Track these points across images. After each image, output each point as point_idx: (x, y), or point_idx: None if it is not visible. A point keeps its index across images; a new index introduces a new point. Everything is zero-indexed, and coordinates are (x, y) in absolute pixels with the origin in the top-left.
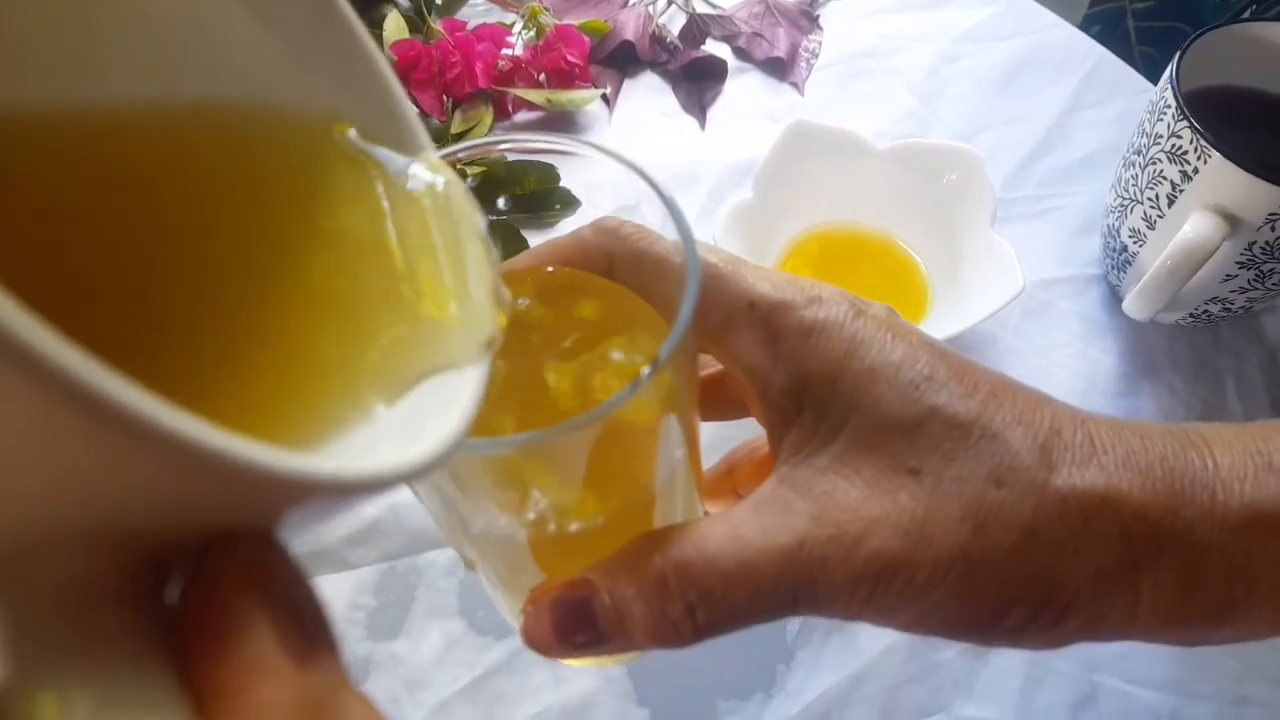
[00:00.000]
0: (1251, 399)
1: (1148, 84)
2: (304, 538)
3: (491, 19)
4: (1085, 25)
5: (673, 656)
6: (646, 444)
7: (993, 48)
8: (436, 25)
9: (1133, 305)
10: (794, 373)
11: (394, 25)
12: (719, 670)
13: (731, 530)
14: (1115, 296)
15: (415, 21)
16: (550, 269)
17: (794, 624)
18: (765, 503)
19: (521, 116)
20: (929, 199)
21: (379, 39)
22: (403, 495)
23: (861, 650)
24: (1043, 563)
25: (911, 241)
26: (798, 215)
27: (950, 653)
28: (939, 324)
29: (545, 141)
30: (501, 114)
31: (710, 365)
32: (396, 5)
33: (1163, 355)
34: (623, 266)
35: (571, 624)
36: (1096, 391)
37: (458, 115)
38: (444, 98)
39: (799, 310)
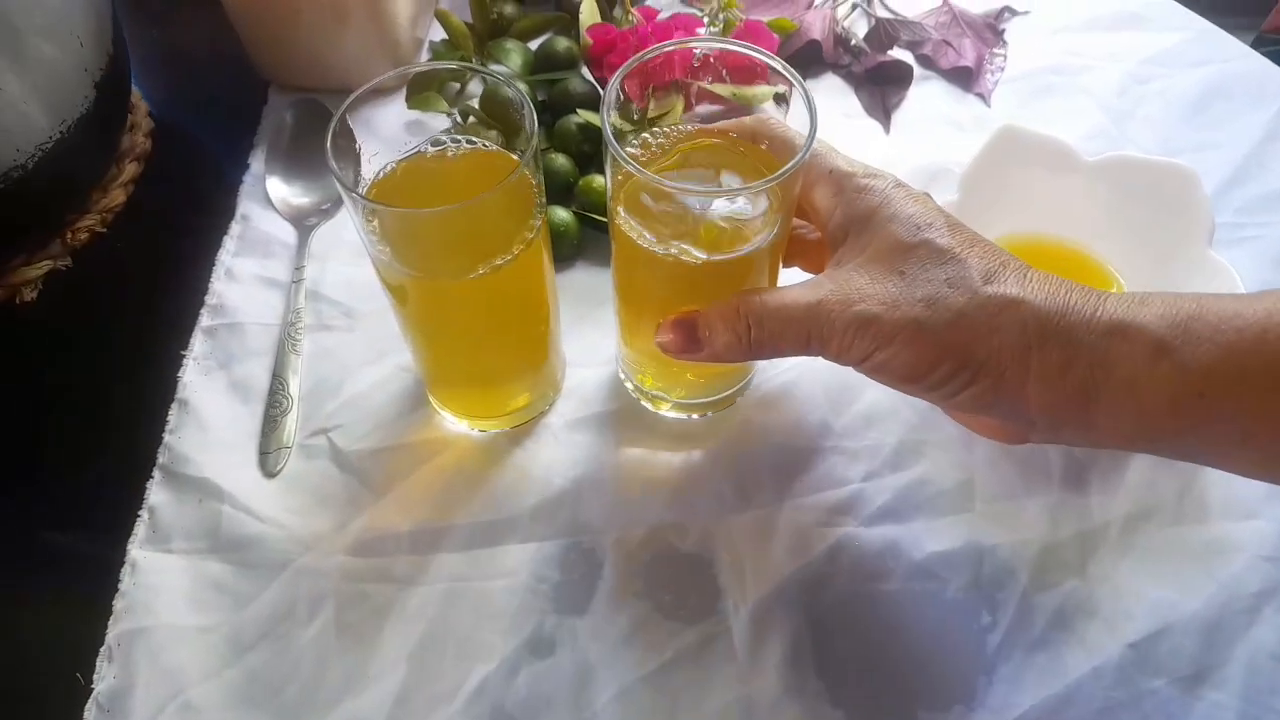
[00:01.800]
0: None
1: None
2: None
3: (678, 8)
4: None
5: (872, 665)
6: (768, 220)
7: (1184, 73)
8: (633, 11)
9: None
10: (846, 214)
11: (588, 10)
12: (918, 678)
13: (783, 291)
14: None
15: (605, 8)
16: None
17: (995, 637)
18: (808, 283)
19: (703, 108)
20: (1135, 215)
21: (575, 23)
22: (588, 471)
23: (1067, 671)
24: (966, 335)
25: (1113, 259)
26: (1001, 220)
27: (1160, 681)
28: None
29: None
30: (687, 105)
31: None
32: None
33: None
34: (766, 139)
35: (683, 332)
36: None
37: (652, 102)
38: (643, 85)
39: (858, 178)
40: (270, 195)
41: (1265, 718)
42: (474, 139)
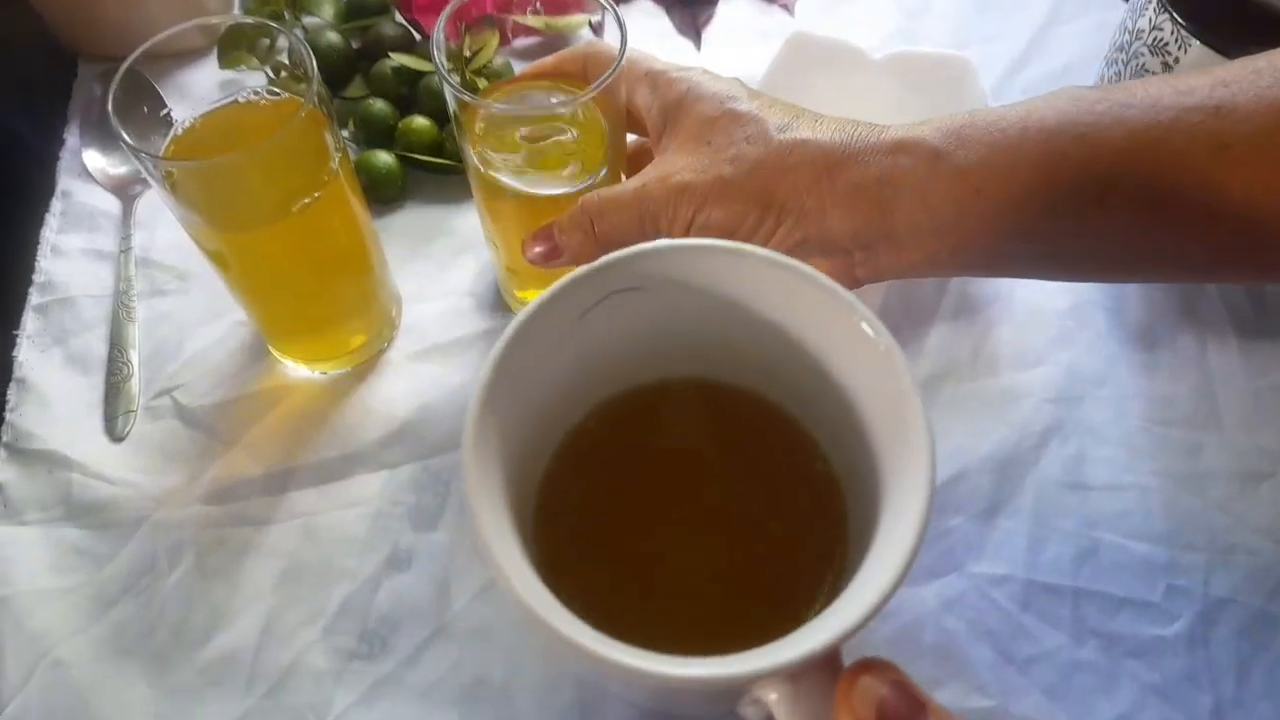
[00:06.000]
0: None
1: None
2: None
3: None
4: None
5: None
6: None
7: None
8: None
9: None
10: (661, 105)
11: None
12: None
13: (615, 186)
14: None
15: None
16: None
17: None
18: (637, 175)
19: (520, 42)
20: (923, 105)
21: None
22: (431, 399)
23: None
24: (765, 181)
25: None
26: None
27: (960, 518)
28: None
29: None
30: (503, 39)
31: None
32: None
33: None
34: (594, 68)
35: (544, 242)
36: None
37: (467, 39)
38: (456, 22)
39: (670, 74)
40: (89, 167)
41: (1051, 538)
42: (278, 91)
